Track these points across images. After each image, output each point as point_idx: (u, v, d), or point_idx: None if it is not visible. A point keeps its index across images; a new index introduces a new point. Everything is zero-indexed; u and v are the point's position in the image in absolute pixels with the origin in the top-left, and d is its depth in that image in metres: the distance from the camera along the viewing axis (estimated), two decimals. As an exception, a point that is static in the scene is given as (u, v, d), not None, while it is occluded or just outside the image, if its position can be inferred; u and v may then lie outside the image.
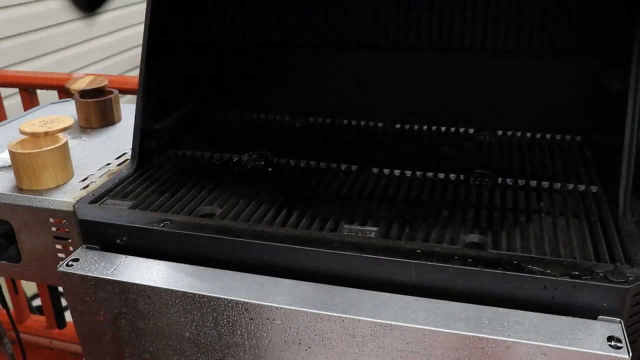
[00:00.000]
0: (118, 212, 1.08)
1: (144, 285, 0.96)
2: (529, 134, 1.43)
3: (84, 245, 1.08)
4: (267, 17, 1.52)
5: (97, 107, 1.53)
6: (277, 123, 1.58)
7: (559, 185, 1.17)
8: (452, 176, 1.23)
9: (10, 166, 1.26)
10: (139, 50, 1.27)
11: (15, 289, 2.24)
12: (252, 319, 0.91)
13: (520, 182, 1.19)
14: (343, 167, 1.28)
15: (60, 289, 1.73)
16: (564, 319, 0.83)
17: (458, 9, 1.38)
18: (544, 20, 1.34)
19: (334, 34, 1.49)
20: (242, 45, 1.58)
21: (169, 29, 1.37)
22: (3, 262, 1.21)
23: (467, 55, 1.42)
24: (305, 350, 0.91)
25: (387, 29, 1.45)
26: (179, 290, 0.94)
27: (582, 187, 1.16)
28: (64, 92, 2.18)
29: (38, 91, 2.33)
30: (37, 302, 2.58)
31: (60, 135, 1.24)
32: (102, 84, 1.56)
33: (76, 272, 1.00)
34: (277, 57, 1.57)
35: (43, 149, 1.19)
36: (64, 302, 2.23)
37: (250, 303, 0.91)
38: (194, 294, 0.93)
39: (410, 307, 0.87)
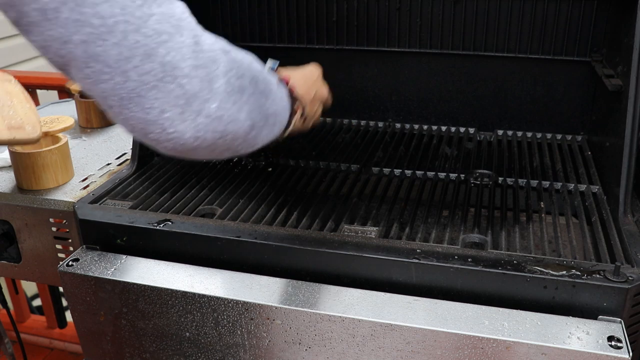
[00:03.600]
0: (118, 212, 1.08)
1: (144, 285, 0.96)
2: (529, 134, 1.44)
3: (84, 245, 1.08)
4: (268, 17, 1.52)
5: (97, 107, 1.53)
6: (277, 123, 1.58)
7: (559, 185, 1.17)
8: (452, 176, 1.23)
9: (10, 166, 1.26)
10: (139, 50, 1.26)
11: (15, 289, 2.24)
12: (252, 319, 0.91)
13: (521, 182, 1.19)
14: (343, 167, 1.28)
15: (61, 288, 1.73)
16: (564, 319, 0.83)
17: (458, 9, 1.38)
18: (544, 20, 1.33)
19: (335, 35, 1.49)
20: (242, 44, 1.57)
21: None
22: (3, 262, 1.21)
23: (467, 55, 1.42)
24: (306, 350, 0.91)
25: (388, 29, 1.45)
26: (179, 290, 0.94)
27: (582, 187, 1.16)
28: (64, 92, 2.18)
29: (38, 91, 2.33)
30: (37, 302, 2.57)
31: (60, 135, 1.25)
32: (102, 84, 1.56)
33: (76, 272, 1.00)
34: (277, 57, 1.57)
35: (43, 149, 1.19)
36: (64, 302, 2.23)
37: (250, 303, 0.91)
38: (194, 294, 0.93)
39: (410, 307, 0.87)
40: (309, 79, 1.02)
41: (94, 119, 1.55)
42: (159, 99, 0.62)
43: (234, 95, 0.69)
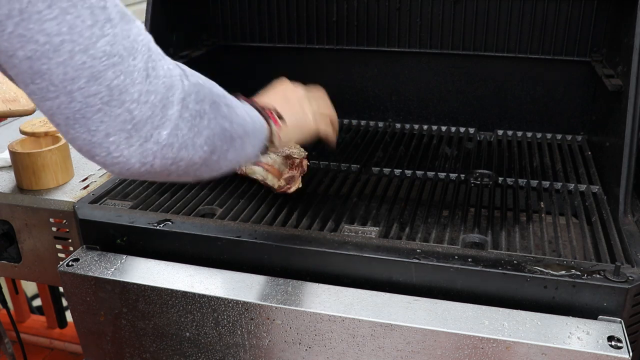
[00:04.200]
0: (118, 212, 1.08)
1: (144, 285, 0.96)
2: (529, 134, 1.44)
3: (84, 245, 1.08)
4: (268, 17, 1.52)
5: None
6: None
7: (559, 185, 1.17)
8: (452, 176, 1.23)
9: (10, 166, 1.26)
10: (139, 50, 1.26)
11: (15, 289, 2.24)
12: (252, 319, 0.91)
13: (521, 182, 1.19)
14: (343, 167, 1.28)
15: (61, 288, 1.73)
16: (564, 319, 0.83)
17: (458, 9, 1.38)
18: (544, 20, 1.33)
19: (335, 35, 1.49)
20: (242, 44, 1.58)
21: (169, 29, 1.37)
22: (3, 262, 1.21)
23: (467, 55, 1.42)
24: (306, 350, 0.91)
25: (388, 29, 1.45)
26: (179, 290, 0.94)
27: (582, 187, 1.16)
28: (64, 92, 2.17)
29: (38, 91, 2.33)
30: (37, 302, 2.57)
31: (60, 135, 1.24)
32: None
33: (76, 272, 1.00)
34: (277, 57, 1.57)
35: (43, 149, 1.19)
36: (64, 302, 2.23)
37: (250, 303, 0.91)
38: (194, 294, 0.93)
39: (410, 307, 0.87)
40: (286, 92, 1.00)
41: (94, 119, 1.55)
42: (105, 123, 0.61)
43: (192, 121, 0.67)
